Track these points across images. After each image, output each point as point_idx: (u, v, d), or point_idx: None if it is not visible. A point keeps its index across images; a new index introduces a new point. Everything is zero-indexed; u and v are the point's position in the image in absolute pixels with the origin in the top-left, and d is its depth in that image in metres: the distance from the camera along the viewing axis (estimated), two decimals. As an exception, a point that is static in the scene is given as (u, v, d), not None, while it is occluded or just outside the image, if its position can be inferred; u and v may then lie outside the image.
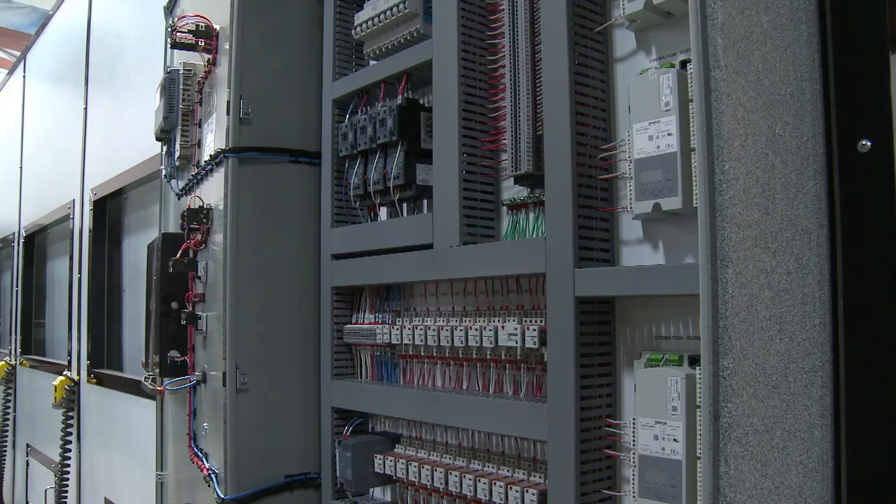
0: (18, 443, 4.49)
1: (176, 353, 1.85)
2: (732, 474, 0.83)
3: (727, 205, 0.86)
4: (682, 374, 1.01)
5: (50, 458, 3.71)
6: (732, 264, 0.85)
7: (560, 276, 1.13)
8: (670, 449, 1.00)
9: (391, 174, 1.45)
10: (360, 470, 1.52)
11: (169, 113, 1.97)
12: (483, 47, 1.36)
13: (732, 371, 0.84)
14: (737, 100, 0.86)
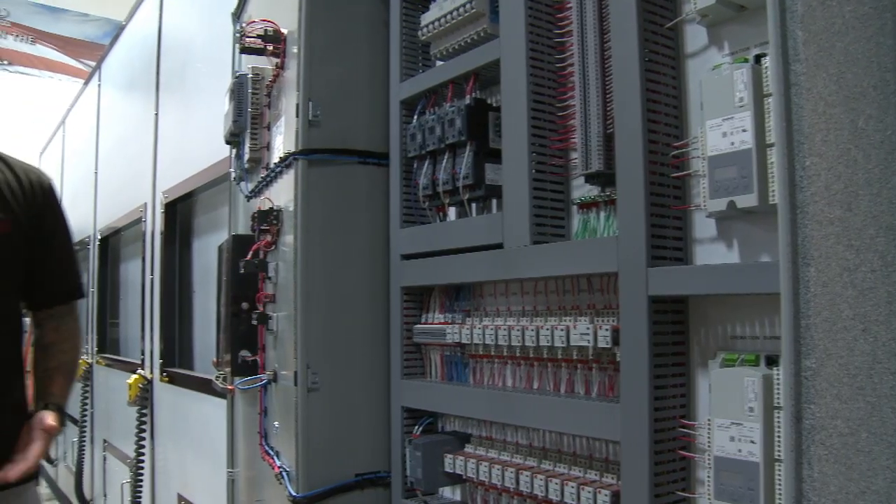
0: (96, 438, 4.61)
1: (247, 353, 1.88)
2: (816, 478, 0.81)
3: (808, 202, 0.84)
4: (758, 374, 0.99)
5: (125, 454, 3.80)
6: (814, 262, 0.83)
7: (633, 276, 1.12)
8: (747, 451, 0.99)
9: (460, 174, 1.45)
10: (430, 469, 1.52)
11: (238, 116, 2.00)
12: (551, 46, 1.35)
13: (815, 371, 0.82)
14: (817, 94, 0.84)
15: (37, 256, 1.95)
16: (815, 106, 0.84)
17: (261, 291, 1.84)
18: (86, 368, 4.77)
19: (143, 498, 3.51)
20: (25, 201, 1.95)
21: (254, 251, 1.84)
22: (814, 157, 0.84)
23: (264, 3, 2.08)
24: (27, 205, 1.95)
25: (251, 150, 1.97)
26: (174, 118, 3.38)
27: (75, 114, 5.88)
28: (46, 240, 1.96)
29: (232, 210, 2.32)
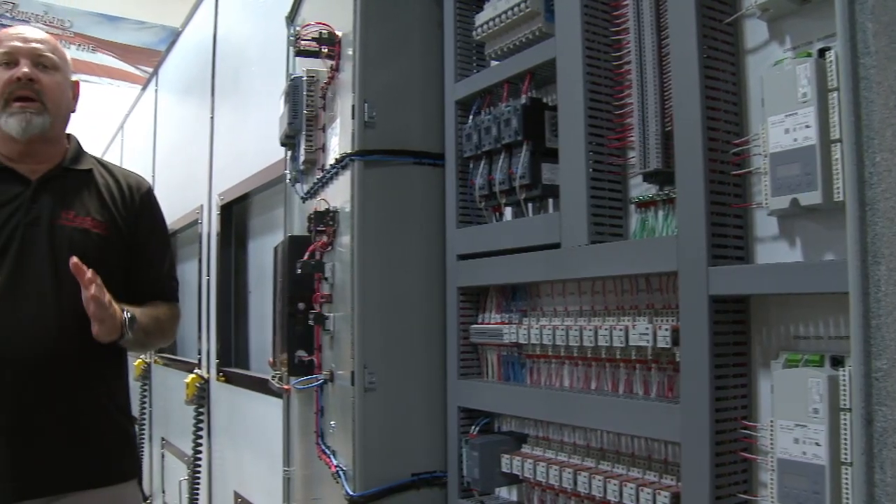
0: (154, 436, 4.70)
1: (303, 353, 1.90)
2: (889, 482, 0.79)
3: (878, 198, 0.82)
4: (823, 375, 0.97)
5: (183, 452, 3.87)
6: (885, 260, 0.81)
7: (693, 275, 1.11)
8: (812, 453, 0.97)
9: (517, 174, 1.45)
10: (486, 469, 1.52)
11: (293, 119, 2.02)
12: (607, 44, 1.34)
13: (886, 373, 0.80)
14: (888, 87, 0.82)
15: (134, 259, 2.02)
16: (886, 100, 0.82)
17: (317, 292, 1.85)
18: (144, 368, 4.87)
19: (201, 495, 3.56)
20: (124, 205, 2.02)
21: (310, 252, 1.86)
22: (884, 153, 0.82)
23: (318, 6, 2.10)
24: (125, 209, 2.02)
25: (306, 151, 1.99)
26: (229, 121, 3.43)
27: (133, 118, 6.01)
28: (143, 243, 2.03)
29: (287, 211, 2.35)
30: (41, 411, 1.84)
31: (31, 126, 1.88)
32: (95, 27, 10.77)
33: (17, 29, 1.98)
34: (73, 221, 1.92)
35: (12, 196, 1.89)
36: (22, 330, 1.83)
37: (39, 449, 1.83)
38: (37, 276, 1.86)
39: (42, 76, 1.90)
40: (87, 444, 1.90)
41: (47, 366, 1.84)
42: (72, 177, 1.99)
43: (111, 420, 1.98)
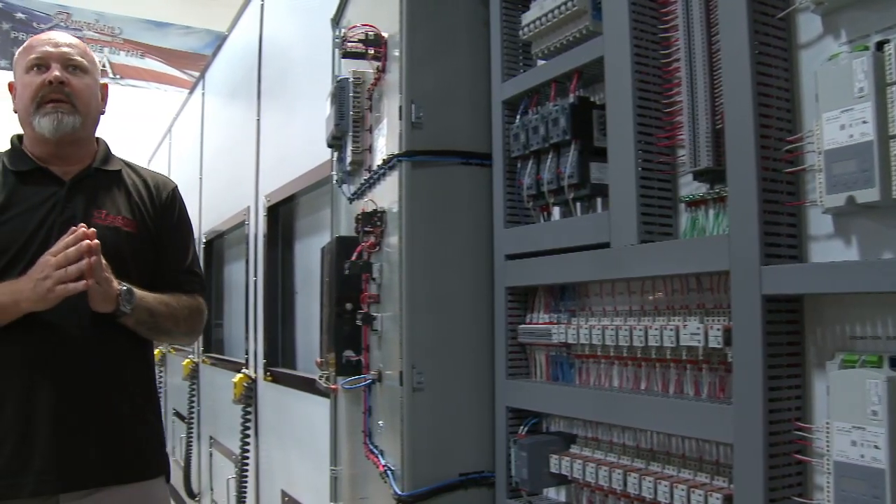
0: (202, 435, 4.76)
1: (351, 353, 1.91)
2: (954, 484, 0.77)
3: (941, 195, 0.80)
4: (882, 376, 0.95)
5: (230, 450, 3.91)
6: (948, 258, 0.80)
7: (745, 274, 1.09)
8: (871, 456, 0.95)
9: (565, 173, 1.44)
10: (535, 469, 1.52)
11: (340, 120, 2.03)
12: (655, 42, 1.33)
13: (950, 373, 0.79)
14: (951, 82, 0.80)
15: (161, 256, 2.07)
16: (948, 95, 0.80)
17: (365, 292, 1.86)
18: (192, 368, 4.94)
19: (248, 493, 3.60)
20: (152, 204, 2.09)
21: (358, 252, 1.87)
22: (947, 149, 0.80)
23: (363, 8, 2.11)
24: (153, 207, 2.08)
25: (353, 152, 2.00)
26: (275, 123, 3.46)
27: (181, 122, 6.10)
28: (166, 237, 2.08)
29: (334, 212, 2.36)
30: (79, 408, 1.90)
31: (63, 126, 1.94)
32: (144, 33, 10.99)
33: (46, 34, 2.03)
34: (106, 220, 1.98)
35: (48, 195, 1.96)
36: (60, 327, 1.88)
37: (79, 445, 1.88)
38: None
39: (72, 79, 1.96)
40: (121, 441, 1.96)
41: (84, 363, 1.90)
42: (102, 177, 2.06)
43: (142, 417, 2.03)
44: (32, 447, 1.85)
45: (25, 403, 1.86)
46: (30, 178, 1.98)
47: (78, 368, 1.89)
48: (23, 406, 1.86)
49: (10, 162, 1.99)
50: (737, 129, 1.11)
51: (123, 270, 1.99)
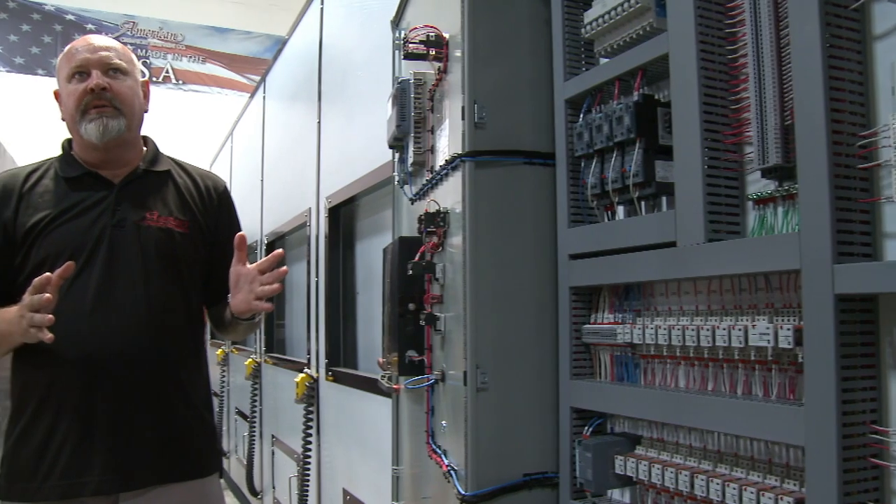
0: (264, 434, 4.82)
1: (413, 353, 1.92)
2: None
3: None
4: (964, 378, 0.92)
5: (292, 449, 3.96)
6: None
7: (817, 273, 1.07)
8: (952, 460, 0.92)
9: (630, 172, 1.43)
10: (600, 470, 1.51)
11: (401, 121, 2.04)
12: (721, 37, 1.31)
13: None
14: None
15: (214, 256, 2.11)
16: None
17: (428, 293, 1.87)
18: (255, 367, 5.01)
19: (310, 491, 3.64)
20: (203, 204, 2.12)
21: (421, 253, 1.88)
22: None
23: (423, 10, 2.12)
24: (204, 207, 2.12)
25: (415, 153, 2.01)
26: (336, 125, 3.49)
27: (242, 125, 6.19)
28: (224, 240, 2.12)
29: (396, 213, 2.38)
30: (136, 407, 1.94)
31: (108, 130, 1.97)
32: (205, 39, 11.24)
33: (83, 40, 2.07)
34: (157, 221, 2.02)
35: (98, 199, 2.00)
36: (116, 329, 1.92)
37: (137, 444, 1.92)
38: (126, 276, 1.96)
39: (113, 83, 2.00)
40: (177, 440, 2.00)
41: (140, 363, 1.94)
42: (151, 178, 2.09)
43: (197, 415, 2.07)
44: (92, 447, 1.89)
45: (85, 404, 1.90)
46: (80, 182, 2.02)
47: (135, 369, 1.93)
48: (82, 407, 1.90)
49: (60, 168, 2.04)
50: (807, 125, 1.09)
51: (176, 271, 2.03)
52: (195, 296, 2.12)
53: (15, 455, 1.92)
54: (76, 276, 1.89)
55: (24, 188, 2.00)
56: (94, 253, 1.94)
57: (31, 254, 1.94)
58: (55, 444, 1.89)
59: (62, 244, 1.92)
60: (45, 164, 2.08)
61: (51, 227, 1.94)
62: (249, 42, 11.45)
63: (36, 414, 1.92)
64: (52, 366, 1.88)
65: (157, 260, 1.99)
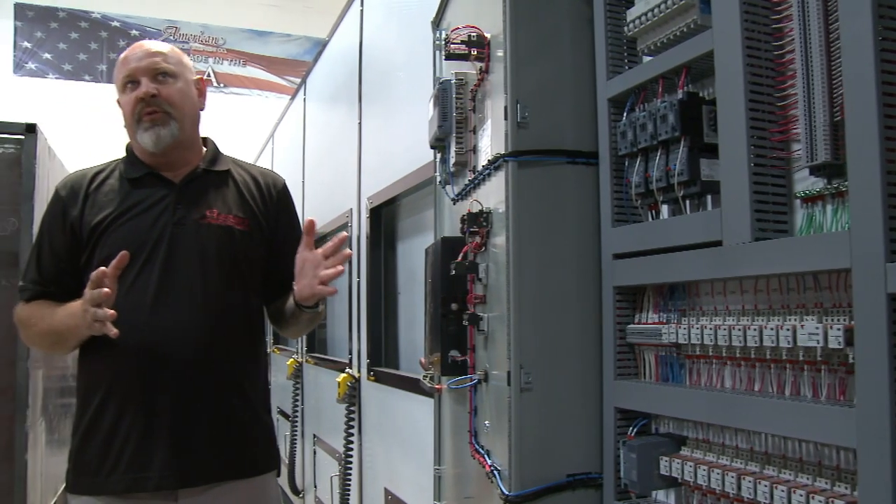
0: (306, 433, 4.86)
1: (456, 353, 1.92)
2: None
3: None
4: None
5: (334, 448, 3.99)
6: None
7: (868, 272, 1.05)
8: None
9: (674, 170, 1.42)
10: (645, 471, 1.50)
11: (443, 122, 2.05)
12: (768, 33, 1.29)
13: None
14: None
15: (273, 253, 2.14)
16: None
17: (471, 292, 1.87)
18: (296, 367, 5.05)
19: (351, 491, 3.66)
20: (263, 201, 2.16)
21: (464, 253, 1.88)
22: None
23: (464, 10, 2.12)
24: (264, 205, 2.16)
25: (457, 153, 2.02)
26: (377, 126, 3.51)
27: (283, 127, 6.25)
28: (283, 237, 2.16)
29: (437, 213, 2.38)
30: (196, 404, 1.97)
31: (161, 138, 2.02)
32: (246, 42, 11.39)
33: (134, 47, 2.11)
34: (217, 219, 2.06)
35: (159, 198, 2.04)
36: (177, 326, 1.96)
37: (196, 442, 1.95)
38: (187, 274, 2.00)
39: (162, 88, 2.04)
40: (235, 436, 2.03)
41: (200, 360, 1.97)
42: (211, 177, 2.13)
43: (255, 413, 2.10)
44: (154, 444, 1.93)
45: (146, 400, 1.94)
46: (142, 182, 2.07)
47: (193, 365, 1.97)
48: (144, 403, 1.94)
49: (124, 169, 2.09)
50: (858, 121, 1.07)
51: (237, 269, 2.07)
52: (254, 293, 2.16)
53: (81, 450, 1.98)
54: (138, 273, 1.94)
55: (90, 188, 2.06)
56: (155, 251, 1.98)
57: (96, 252, 2.00)
58: (119, 439, 1.93)
59: (124, 242, 1.97)
60: (111, 164, 2.14)
61: (114, 226, 2.00)
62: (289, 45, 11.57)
63: (100, 409, 1.97)
64: (114, 361, 1.93)
65: (216, 257, 2.02)
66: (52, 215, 2.08)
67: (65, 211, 2.05)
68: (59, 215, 2.06)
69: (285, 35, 11.54)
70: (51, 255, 2.05)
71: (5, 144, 3.52)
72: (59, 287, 2.03)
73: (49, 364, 4.03)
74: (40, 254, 2.06)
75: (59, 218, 2.05)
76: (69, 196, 2.06)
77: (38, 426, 3.72)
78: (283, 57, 11.52)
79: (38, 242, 2.08)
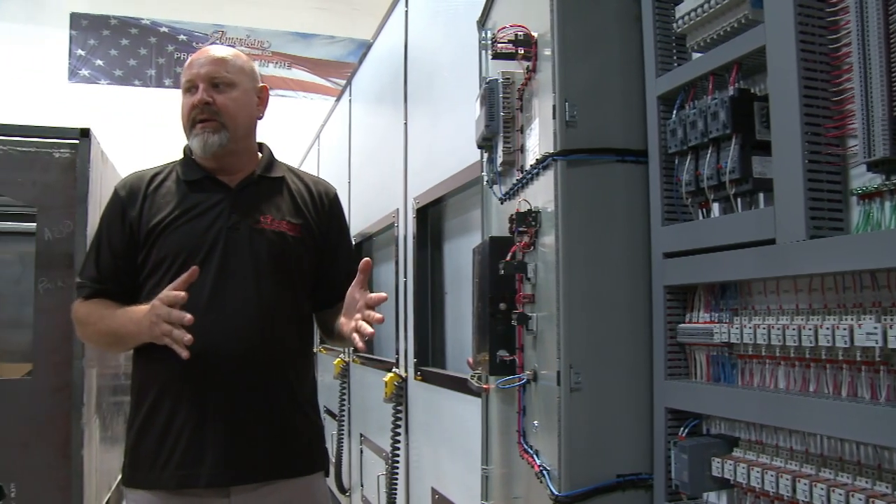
0: (353, 432, 4.89)
1: (504, 353, 1.92)
2: None
3: None
4: None
5: (380, 448, 4.01)
6: None
7: (929, 270, 1.03)
8: None
9: (726, 168, 1.40)
10: (696, 473, 1.48)
11: (490, 121, 2.05)
12: (822, 26, 1.27)
13: None
14: None
15: (324, 260, 2.17)
16: None
17: (519, 292, 1.87)
18: (343, 367, 5.09)
19: (398, 490, 3.67)
20: (315, 209, 2.19)
21: (512, 252, 1.88)
22: None
23: (510, 9, 2.12)
24: (317, 212, 2.18)
25: (504, 153, 2.01)
26: (422, 126, 3.52)
27: (328, 128, 6.30)
28: (332, 246, 2.18)
29: (484, 213, 2.38)
30: (247, 404, 2.00)
31: (209, 145, 2.05)
32: (291, 45, 11.52)
33: (199, 52, 2.15)
34: (271, 225, 2.08)
35: (215, 202, 2.08)
36: (230, 328, 1.99)
37: (247, 441, 1.98)
38: (240, 277, 2.03)
39: (218, 97, 2.06)
40: (286, 437, 2.05)
41: (251, 361, 2.00)
42: (266, 183, 2.16)
43: (304, 413, 2.13)
44: (205, 441, 1.96)
45: (199, 398, 1.98)
46: (199, 185, 2.11)
47: (244, 366, 2.00)
48: (197, 401, 1.98)
49: (182, 171, 2.13)
50: (919, 116, 1.05)
51: (288, 273, 2.10)
52: (304, 298, 2.19)
53: (136, 445, 2.03)
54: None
55: (148, 189, 2.11)
56: (210, 254, 2.02)
57: (153, 253, 2.04)
58: (172, 436, 1.97)
59: (180, 244, 2.01)
60: (169, 166, 2.18)
61: (171, 228, 2.04)
62: (333, 46, 11.67)
63: (154, 406, 2.01)
64: (168, 361, 1.97)
65: (269, 262, 2.06)
66: (111, 214, 2.13)
67: (124, 211, 2.10)
68: (118, 215, 2.11)
69: (329, 37, 11.65)
70: (109, 254, 2.10)
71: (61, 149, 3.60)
72: (116, 285, 2.08)
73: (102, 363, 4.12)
74: (99, 252, 2.11)
75: (118, 217, 2.10)
76: (128, 196, 2.11)
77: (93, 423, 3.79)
78: (328, 59, 11.62)
79: (97, 240, 2.13)
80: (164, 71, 10.95)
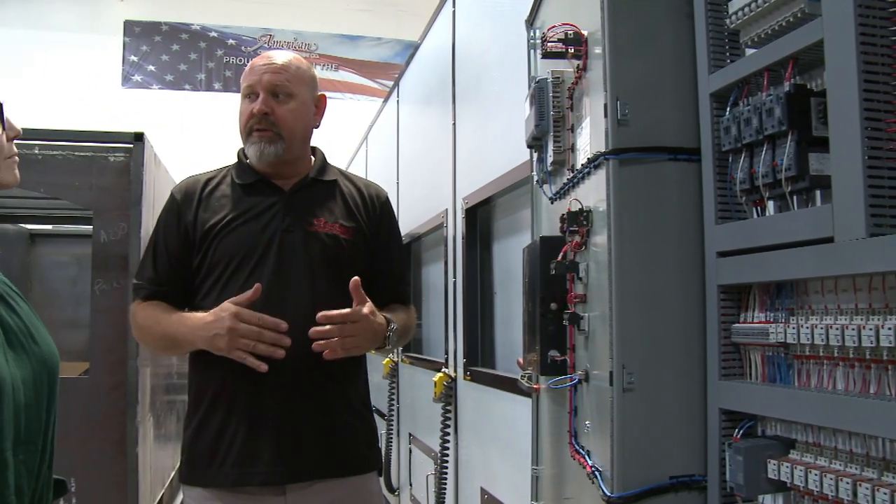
0: (402, 432, 4.91)
1: (555, 353, 1.91)
2: None
3: None
4: None
5: (429, 447, 4.02)
6: None
7: None
8: None
9: (781, 166, 1.38)
10: (752, 475, 1.46)
11: (540, 121, 2.04)
12: (884, 17, 1.24)
13: None
14: None
15: (375, 263, 2.19)
16: None
17: (570, 292, 1.86)
18: (392, 367, 5.11)
19: (447, 490, 3.68)
20: (367, 212, 2.21)
21: (563, 252, 1.87)
22: None
23: (558, 8, 2.11)
24: (368, 216, 2.21)
25: (554, 152, 2.01)
26: (471, 127, 3.52)
27: (376, 130, 6.33)
28: (383, 248, 2.21)
29: (534, 213, 2.38)
30: (302, 404, 2.03)
31: (265, 154, 2.08)
32: (337, 47, 11.63)
33: (260, 59, 2.17)
34: (324, 228, 2.11)
35: (269, 205, 2.11)
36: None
37: (302, 440, 2.01)
38: (294, 279, 2.06)
39: (276, 107, 2.09)
40: (340, 437, 2.08)
41: (306, 361, 2.02)
42: (319, 187, 2.19)
43: (357, 414, 2.15)
44: (261, 440, 2.00)
45: (255, 398, 2.01)
46: (253, 189, 2.14)
47: (299, 367, 2.02)
48: (252, 401, 2.01)
49: (236, 174, 2.17)
50: None
51: (339, 278, 2.12)
52: None
53: (194, 443, 2.07)
54: (248, 276, 2.02)
55: (203, 193, 2.15)
56: (265, 256, 2.05)
57: (208, 255, 2.08)
58: (229, 435, 2.01)
59: (236, 247, 2.05)
60: (223, 170, 2.22)
61: (226, 230, 2.08)
62: (380, 48, 11.75)
63: (211, 406, 2.05)
64: (225, 360, 2.00)
65: (322, 264, 2.08)
66: (167, 218, 2.17)
67: (179, 214, 2.14)
68: (174, 218, 2.15)
69: (376, 39, 11.73)
70: (166, 256, 2.14)
71: (115, 153, 3.69)
72: (172, 287, 2.12)
73: (156, 362, 4.21)
74: (156, 254, 2.16)
75: (175, 221, 2.14)
76: (184, 200, 2.15)
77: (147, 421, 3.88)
78: (375, 60, 11.71)
79: (154, 243, 2.18)
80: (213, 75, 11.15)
